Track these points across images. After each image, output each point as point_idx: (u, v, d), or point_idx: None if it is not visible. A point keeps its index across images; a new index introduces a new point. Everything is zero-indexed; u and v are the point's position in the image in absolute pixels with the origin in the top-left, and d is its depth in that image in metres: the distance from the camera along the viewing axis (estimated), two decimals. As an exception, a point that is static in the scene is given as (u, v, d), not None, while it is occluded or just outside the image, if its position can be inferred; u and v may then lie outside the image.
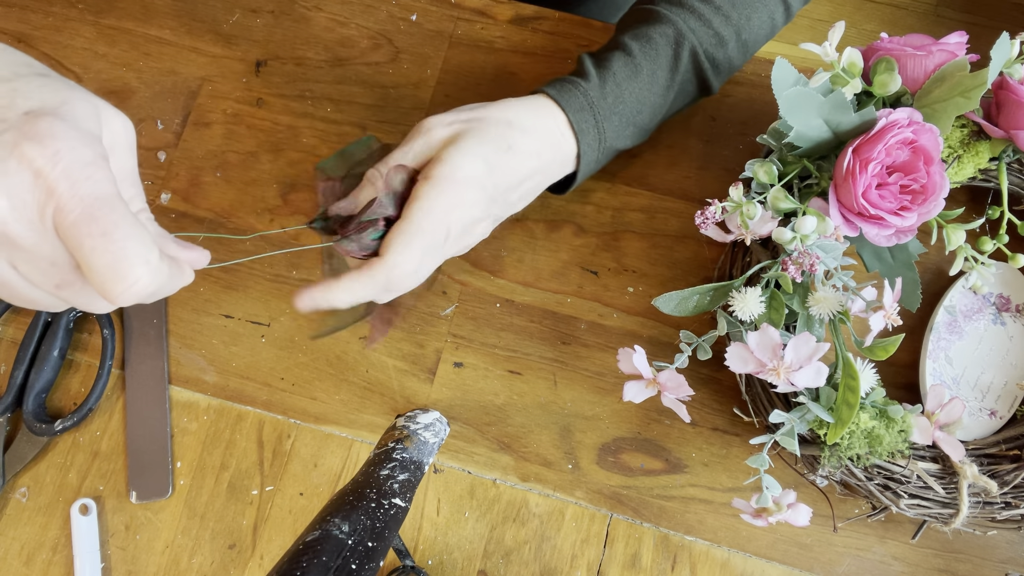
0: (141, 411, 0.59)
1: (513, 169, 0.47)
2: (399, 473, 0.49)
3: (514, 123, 0.47)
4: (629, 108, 0.51)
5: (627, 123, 0.52)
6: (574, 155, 0.51)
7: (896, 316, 0.45)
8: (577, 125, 0.49)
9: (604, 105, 0.50)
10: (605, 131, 0.51)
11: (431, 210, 0.44)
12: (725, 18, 0.52)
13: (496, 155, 0.46)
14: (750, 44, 0.54)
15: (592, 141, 0.50)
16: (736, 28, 0.52)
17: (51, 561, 0.57)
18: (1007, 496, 0.50)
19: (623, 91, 0.50)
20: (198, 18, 0.66)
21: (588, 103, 0.50)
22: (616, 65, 0.51)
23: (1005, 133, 0.49)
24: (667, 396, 0.49)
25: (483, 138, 0.45)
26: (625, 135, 0.52)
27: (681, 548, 0.56)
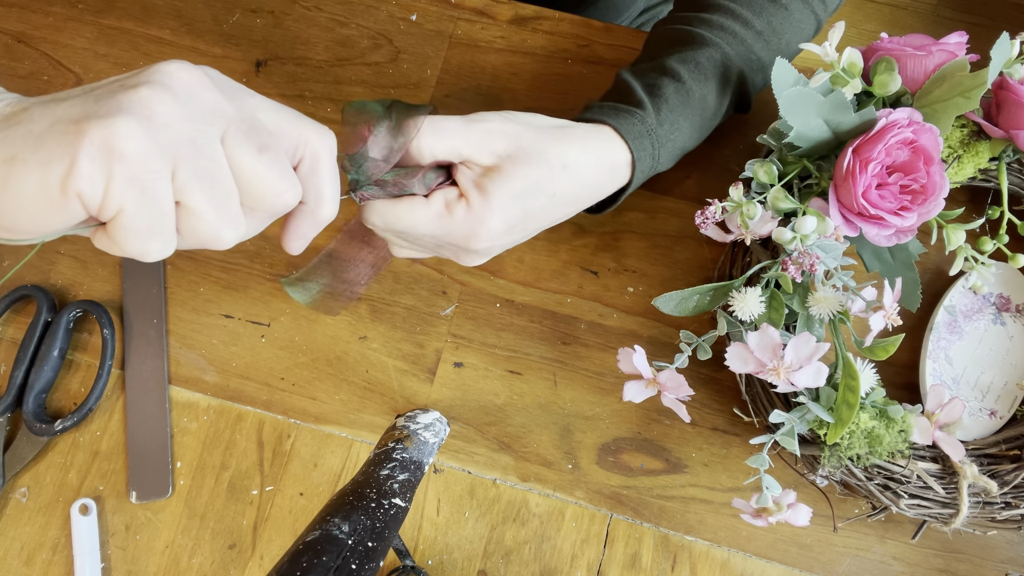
0: (141, 411, 0.59)
1: (547, 217, 0.46)
2: (399, 473, 0.49)
3: (569, 167, 0.45)
4: (683, 135, 0.50)
5: (679, 150, 0.51)
6: (622, 184, 0.49)
7: (896, 316, 0.45)
8: (637, 156, 0.48)
9: (660, 134, 0.49)
10: (659, 159, 0.50)
11: (516, 190, 0.42)
12: (766, 43, 0.51)
13: (535, 204, 0.44)
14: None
15: (645, 169, 0.49)
16: (776, 53, 0.52)
17: (51, 561, 0.57)
18: (1007, 496, 0.50)
19: (677, 118, 0.49)
20: (198, 18, 0.66)
21: (647, 132, 0.48)
22: (668, 92, 0.49)
23: (1005, 133, 0.49)
24: (667, 396, 0.49)
25: (528, 180, 0.43)
26: (671, 159, 0.51)
27: (681, 548, 0.56)
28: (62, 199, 0.28)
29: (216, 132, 0.31)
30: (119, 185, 0.28)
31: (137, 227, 0.29)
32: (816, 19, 0.53)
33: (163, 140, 0.29)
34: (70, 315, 0.59)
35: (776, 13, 0.51)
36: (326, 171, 0.35)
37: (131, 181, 0.28)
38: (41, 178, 0.28)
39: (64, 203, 0.28)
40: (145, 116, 0.29)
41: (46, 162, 0.28)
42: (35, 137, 0.29)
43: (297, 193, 0.34)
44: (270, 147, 0.32)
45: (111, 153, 0.28)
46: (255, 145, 0.32)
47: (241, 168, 0.31)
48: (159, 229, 0.30)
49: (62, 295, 0.61)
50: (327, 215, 0.36)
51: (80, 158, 0.28)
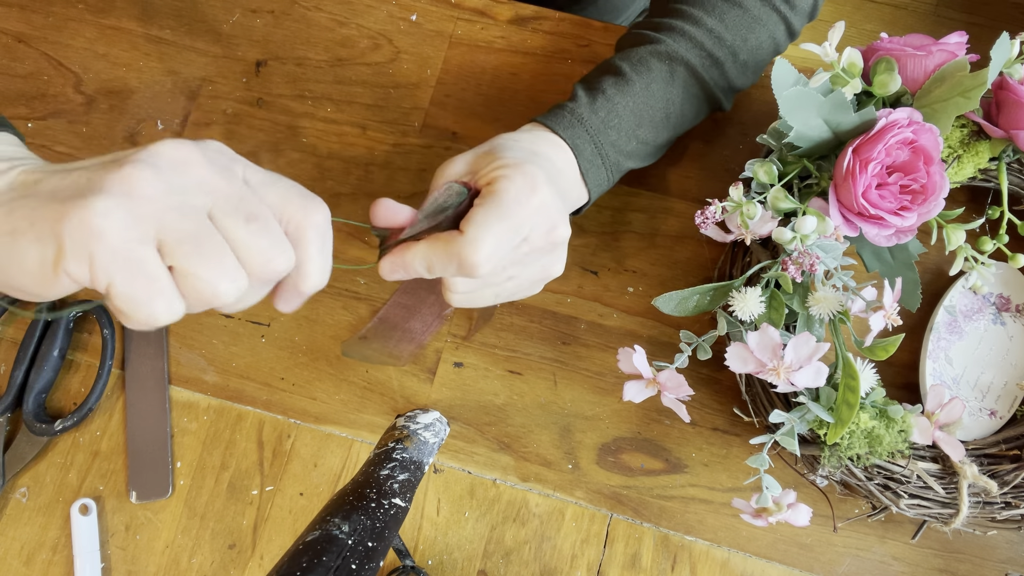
0: (141, 411, 0.59)
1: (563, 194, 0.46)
2: (399, 473, 0.49)
3: (539, 153, 0.46)
4: (626, 122, 0.51)
5: (629, 137, 0.51)
6: (575, 175, 0.50)
7: (896, 316, 0.45)
8: (571, 142, 0.49)
9: (595, 119, 0.50)
10: (603, 146, 0.50)
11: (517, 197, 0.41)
12: (718, 39, 0.52)
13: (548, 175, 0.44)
14: (750, 64, 0.54)
15: (592, 157, 0.50)
16: (731, 49, 0.52)
17: (51, 561, 0.57)
18: (1007, 496, 0.50)
19: (615, 105, 0.50)
20: (198, 18, 0.66)
21: (577, 119, 0.49)
22: (605, 84, 0.51)
23: (1005, 133, 0.49)
24: (667, 396, 0.49)
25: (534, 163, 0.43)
26: (630, 150, 0.52)
27: (681, 548, 0.56)
28: (54, 275, 0.30)
29: (202, 203, 0.32)
30: (102, 261, 0.29)
31: (132, 295, 0.30)
32: (783, 19, 0.53)
33: (143, 212, 0.30)
34: (70, 315, 0.59)
35: (729, 11, 0.52)
36: (310, 245, 0.34)
37: (113, 255, 0.29)
38: (38, 255, 0.30)
39: (57, 279, 0.30)
40: (123, 192, 0.30)
41: (39, 240, 0.29)
42: (33, 212, 0.30)
43: (289, 260, 0.34)
44: (259, 216, 0.33)
45: (89, 232, 0.29)
46: (243, 215, 0.32)
47: (230, 238, 0.32)
48: (156, 292, 0.30)
49: (62, 295, 0.61)
50: (309, 287, 0.36)
51: (63, 239, 0.29)
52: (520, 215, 0.41)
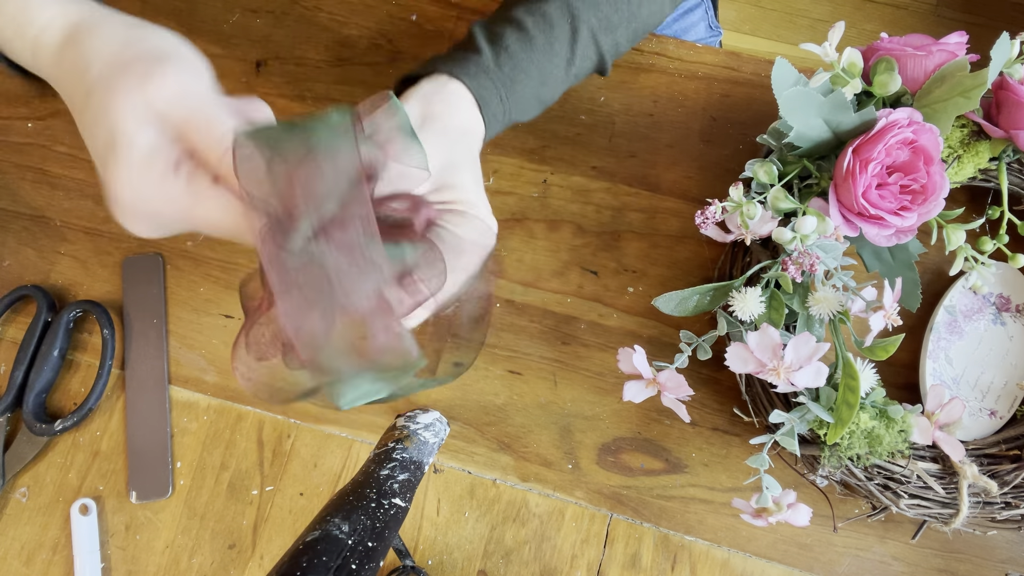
0: (141, 411, 0.59)
1: (476, 168, 0.47)
2: (399, 473, 0.49)
3: (462, 131, 0.46)
4: (532, 80, 0.50)
5: (530, 96, 0.50)
6: (480, 128, 0.49)
7: (896, 316, 0.45)
8: (480, 96, 0.48)
9: (501, 76, 0.49)
10: (508, 102, 0.49)
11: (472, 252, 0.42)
12: (614, 5, 0.51)
13: (475, 169, 0.45)
14: (639, 32, 0.54)
15: (496, 112, 0.49)
16: (628, 16, 0.52)
17: (51, 561, 0.57)
18: (1007, 496, 0.50)
19: (519, 61, 0.50)
20: (198, 18, 0.66)
21: (485, 72, 0.48)
22: (508, 39, 0.50)
23: (1005, 133, 0.49)
24: (667, 396, 0.49)
25: (464, 166, 0.45)
26: (527, 108, 0.51)
27: (681, 548, 0.56)
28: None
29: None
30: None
31: None
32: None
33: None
34: (70, 315, 0.59)
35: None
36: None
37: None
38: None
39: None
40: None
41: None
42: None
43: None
44: None
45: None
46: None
47: None
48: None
49: (62, 295, 0.61)
50: None
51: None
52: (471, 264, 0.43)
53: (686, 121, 0.62)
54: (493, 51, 0.49)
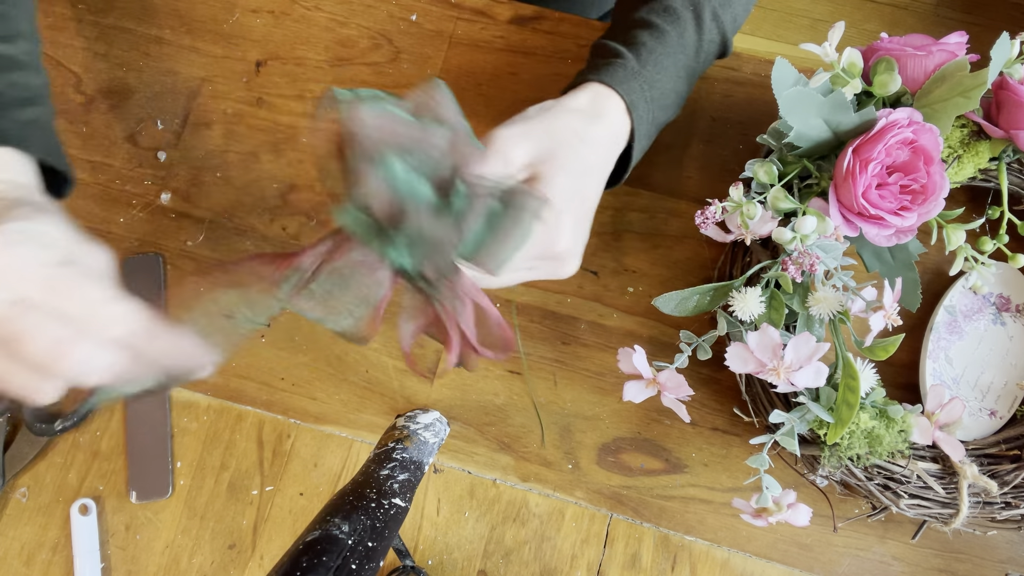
0: (141, 411, 0.59)
1: (595, 192, 0.46)
2: (399, 473, 0.49)
3: (586, 139, 0.45)
4: (669, 75, 0.50)
5: (669, 91, 0.50)
6: (627, 136, 0.49)
7: (896, 316, 0.45)
8: (630, 102, 0.47)
9: (646, 73, 0.48)
10: (653, 102, 0.49)
11: (543, 240, 0.42)
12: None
13: (584, 186, 0.45)
14: (751, 3, 0.54)
15: (644, 115, 0.48)
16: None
17: (51, 561, 0.57)
18: (1007, 496, 0.50)
19: (658, 56, 0.49)
20: (198, 18, 0.66)
21: (631, 73, 0.48)
22: (643, 37, 0.49)
23: (1005, 133, 0.49)
24: (667, 396, 0.49)
25: (569, 170, 0.43)
26: (668, 104, 0.51)
27: (681, 548, 0.56)
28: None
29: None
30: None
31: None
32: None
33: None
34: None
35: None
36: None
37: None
38: None
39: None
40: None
41: None
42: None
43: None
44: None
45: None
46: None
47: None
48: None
49: None
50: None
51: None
52: (538, 254, 0.43)
53: (686, 121, 0.62)
54: (634, 52, 0.49)
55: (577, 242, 0.44)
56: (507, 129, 0.43)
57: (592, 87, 0.47)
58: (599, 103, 0.46)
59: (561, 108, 0.45)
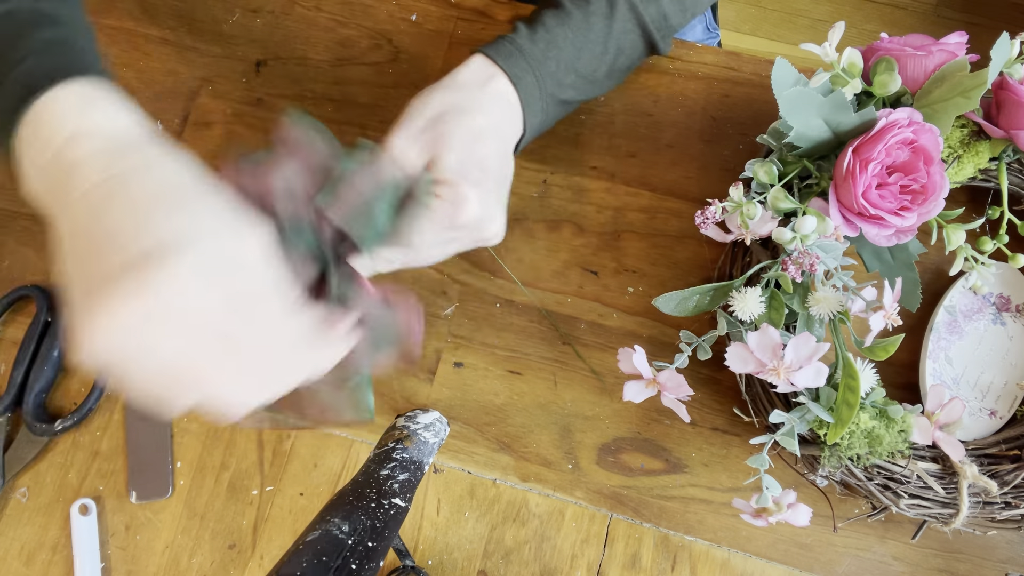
0: (141, 411, 0.59)
1: (494, 152, 0.48)
2: (399, 473, 0.49)
3: (470, 108, 0.47)
4: (565, 53, 0.52)
5: (567, 69, 0.52)
6: (519, 107, 0.51)
7: (896, 316, 0.45)
8: (511, 72, 0.50)
9: (535, 50, 0.51)
10: (542, 76, 0.51)
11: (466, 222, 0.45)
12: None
13: (473, 151, 0.46)
14: (688, 3, 0.55)
15: (532, 89, 0.51)
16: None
17: (51, 561, 0.57)
18: (1007, 496, 0.50)
19: (554, 36, 0.51)
20: (198, 18, 0.66)
21: (518, 49, 0.50)
22: (546, 16, 0.52)
23: (1005, 133, 0.49)
24: (667, 396, 0.49)
25: (455, 144, 0.45)
26: (567, 83, 0.52)
27: (681, 548, 0.56)
28: None
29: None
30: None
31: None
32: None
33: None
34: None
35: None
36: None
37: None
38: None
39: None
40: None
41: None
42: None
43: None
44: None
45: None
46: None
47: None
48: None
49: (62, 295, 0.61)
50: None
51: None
52: (474, 161, 0.46)
53: (686, 121, 0.62)
54: (529, 29, 0.51)
55: (487, 206, 0.46)
56: (396, 139, 0.46)
57: (475, 59, 0.50)
58: (482, 72, 0.49)
59: (443, 88, 0.48)
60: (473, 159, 0.46)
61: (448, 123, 0.46)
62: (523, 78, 0.50)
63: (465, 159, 0.45)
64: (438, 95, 0.48)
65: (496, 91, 0.49)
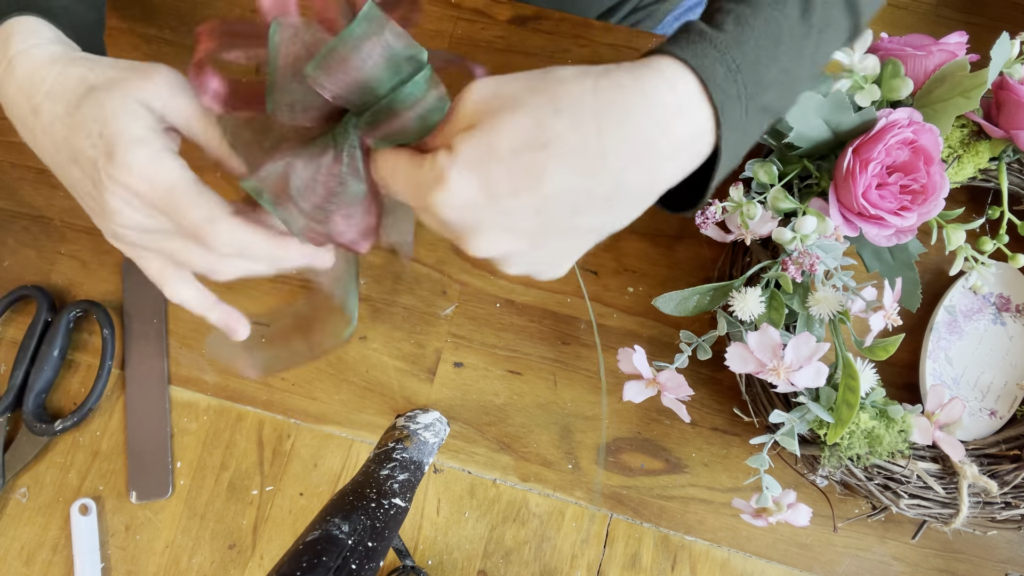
0: (141, 411, 0.59)
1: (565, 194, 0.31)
2: (399, 473, 0.49)
3: (585, 86, 0.32)
4: (762, 37, 0.35)
5: (767, 59, 0.35)
6: (701, 136, 0.33)
7: (896, 316, 0.45)
8: (695, 62, 0.32)
9: (723, 36, 0.34)
10: (741, 71, 0.34)
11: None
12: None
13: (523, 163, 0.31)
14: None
15: (725, 84, 0.33)
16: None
17: (51, 561, 0.57)
18: (1007, 496, 0.50)
19: (742, 17, 0.35)
20: (198, 18, 0.66)
21: (698, 35, 0.34)
22: (729, 4, 0.35)
23: (1005, 133, 0.49)
24: (667, 396, 0.49)
25: (522, 107, 0.32)
26: (771, 79, 0.35)
27: (681, 548, 0.56)
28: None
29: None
30: None
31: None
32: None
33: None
34: (70, 315, 0.59)
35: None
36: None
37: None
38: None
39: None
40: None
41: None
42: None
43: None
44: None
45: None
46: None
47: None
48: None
49: (62, 295, 0.61)
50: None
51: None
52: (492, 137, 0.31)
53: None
54: (717, 25, 0.34)
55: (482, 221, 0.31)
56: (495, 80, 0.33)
57: (653, 63, 0.33)
58: (651, 83, 0.32)
59: (589, 71, 0.32)
60: (536, 133, 0.30)
61: (536, 88, 0.32)
62: (714, 70, 0.33)
63: (524, 128, 0.30)
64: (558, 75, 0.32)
65: (653, 80, 0.32)
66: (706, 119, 0.33)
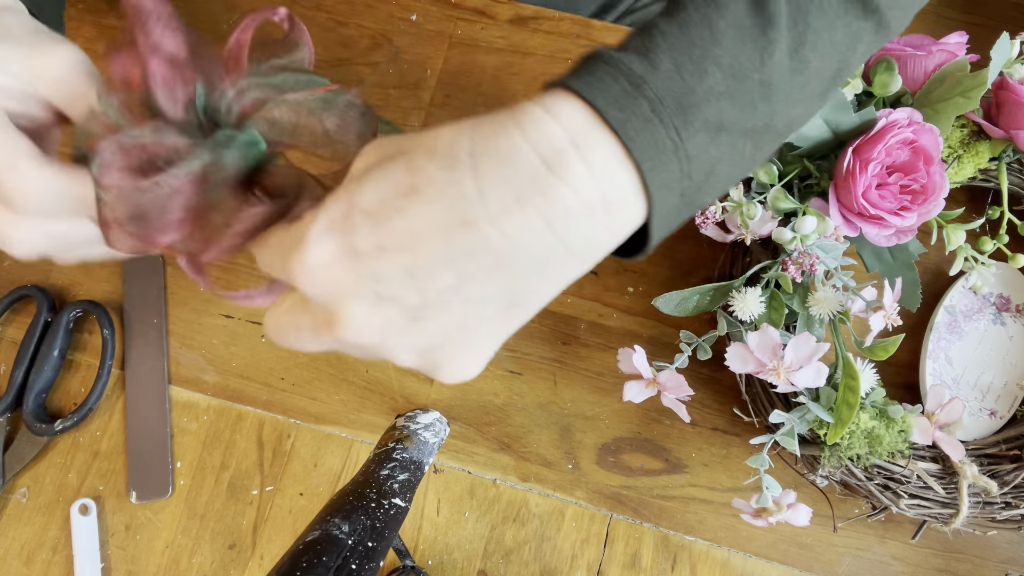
0: (141, 411, 0.59)
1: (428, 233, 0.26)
2: (399, 473, 0.49)
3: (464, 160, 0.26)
4: (692, 55, 0.28)
5: (700, 59, 0.28)
6: (616, 174, 0.26)
7: (896, 316, 0.45)
8: (606, 108, 0.26)
9: (658, 86, 0.27)
10: (664, 103, 0.27)
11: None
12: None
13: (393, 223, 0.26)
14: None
15: (663, 147, 0.27)
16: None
17: (51, 561, 0.57)
18: (1007, 496, 0.50)
19: (673, 42, 0.28)
20: (198, 18, 0.66)
21: (629, 81, 0.27)
22: (661, 26, 0.29)
23: (1005, 133, 0.49)
24: (667, 396, 0.49)
25: (375, 183, 0.27)
26: (708, 87, 0.28)
27: (681, 548, 0.56)
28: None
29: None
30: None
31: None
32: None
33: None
34: (70, 315, 0.59)
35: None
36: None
37: None
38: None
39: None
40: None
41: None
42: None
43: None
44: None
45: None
46: None
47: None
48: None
49: (62, 295, 0.61)
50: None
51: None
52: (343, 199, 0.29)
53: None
54: (640, 47, 0.28)
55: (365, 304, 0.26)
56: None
57: (550, 101, 0.27)
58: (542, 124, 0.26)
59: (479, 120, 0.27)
60: (396, 224, 0.26)
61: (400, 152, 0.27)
62: (600, 85, 0.27)
63: (376, 201, 0.26)
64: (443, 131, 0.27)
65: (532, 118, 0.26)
66: (611, 151, 0.26)
